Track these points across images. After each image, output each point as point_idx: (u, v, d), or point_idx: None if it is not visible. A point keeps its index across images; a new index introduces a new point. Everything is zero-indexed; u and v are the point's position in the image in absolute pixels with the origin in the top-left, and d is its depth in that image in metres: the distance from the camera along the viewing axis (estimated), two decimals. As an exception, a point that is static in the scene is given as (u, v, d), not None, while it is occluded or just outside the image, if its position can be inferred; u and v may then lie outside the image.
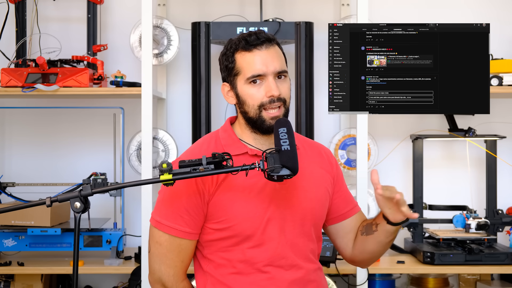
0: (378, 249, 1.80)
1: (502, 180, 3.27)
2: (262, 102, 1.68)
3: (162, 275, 1.72)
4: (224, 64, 1.75)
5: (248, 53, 1.69)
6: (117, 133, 3.09)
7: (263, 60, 1.68)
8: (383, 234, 1.74)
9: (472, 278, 3.24)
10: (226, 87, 1.76)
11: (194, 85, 3.07)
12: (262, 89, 1.68)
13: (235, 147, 1.73)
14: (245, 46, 1.70)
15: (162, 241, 1.70)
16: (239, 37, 1.72)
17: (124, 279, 3.18)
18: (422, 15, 3.34)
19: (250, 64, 1.69)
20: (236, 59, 1.71)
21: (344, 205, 1.86)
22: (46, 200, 1.53)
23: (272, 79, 1.68)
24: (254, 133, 1.75)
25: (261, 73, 1.68)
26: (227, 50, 1.74)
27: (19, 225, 2.94)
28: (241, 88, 1.71)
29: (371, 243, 1.79)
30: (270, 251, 1.70)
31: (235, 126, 1.80)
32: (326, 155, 1.88)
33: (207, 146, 1.75)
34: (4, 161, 3.38)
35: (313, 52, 3.06)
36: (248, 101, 1.70)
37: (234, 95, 1.74)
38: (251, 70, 1.68)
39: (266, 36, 1.71)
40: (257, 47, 1.69)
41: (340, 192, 1.87)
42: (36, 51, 3.16)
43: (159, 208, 1.72)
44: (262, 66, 1.68)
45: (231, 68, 1.72)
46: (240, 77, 1.71)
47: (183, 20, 3.27)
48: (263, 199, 1.69)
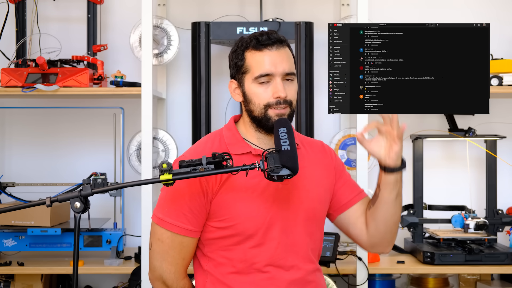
0: (389, 214, 1.75)
1: (502, 180, 3.27)
2: (269, 102, 1.68)
3: (163, 272, 1.72)
4: (234, 61, 1.74)
5: (258, 52, 1.69)
6: (117, 133, 3.09)
7: (272, 60, 1.68)
8: (387, 189, 1.71)
9: (472, 278, 3.24)
10: (234, 84, 1.76)
11: (194, 85, 3.07)
12: (269, 89, 1.68)
13: (238, 146, 1.73)
14: (256, 45, 1.69)
15: (164, 238, 1.71)
16: (250, 36, 1.72)
17: (124, 279, 3.18)
18: (422, 15, 3.34)
19: (259, 63, 1.68)
20: (246, 57, 1.71)
21: (349, 193, 1.84)
22: (46, 200, 1.53)
23: (280, 80, 1.68)
24: (258, 132, 1.74)
25: (269, 72, 1.68)
26: (238, 47, 1.73)
27: (19, 225, 2.94)
28: (248, 87, 1.71)
29: (380, 211, 1.75)
30: (270, 251, 1.70)
31: (239, 124, 1.80)
32: (325, 150, 1.87)
33: (211, 145, 1.75)
34: (4, 161, 3.38)
35: (313, 52, 3.07)
36: (254, 100, 1.70)
37: (241, 92, 1.74)
38: (260, 69, 1.68)
39: (278, 37, 1.71)
40: (267, 47, 1.69)
41: (343, 181, 1.85)
42: (36, 51, 3.16)
43: (161, 205, 1.72)
44: (271, 66, 1.68)
45: (240, 66, 1.72)
46: (248, 75, 1.70)
47: (183, 20, 3.27)
48: (266, 198, 1.69)
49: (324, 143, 1.91)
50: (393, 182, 1.71)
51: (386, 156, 1.68)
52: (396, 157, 1.68)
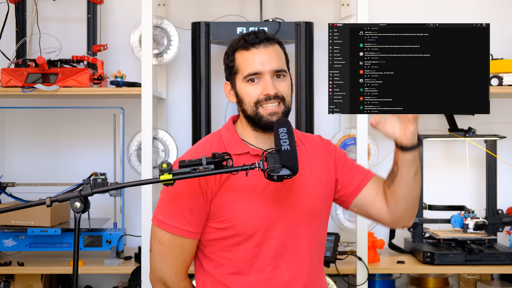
0: (409, 190, 1.74)
1: (502, 180, 3.27)
2: (258, 99, 1.69)
3: (163, 274, 1.72)
4: (226, 63, 1.77)
5: (246, 52, 1.71)
6: (117, 133, 3.09)
7: (260, 58, 1.69)
8: (404, 167, 1.71)
9: (472, 278, 3.24)
10: (228, 86, 1.78)
11: (194, 85, 3.07)
12: (258, 87, 1.69)
13: (237, 147, 1.73)
14: (243, 45, 1.71)
15: (164, 240, 1.71)
16: (239, 37, 1.74)
17: (124, 279, 3.18)
18: (422, 15, 3.34)
19: (248, 63, 1.70)
20: (236, 58, 1.73)
21: (357, 177, 1.83)
22: (46, 200, 1.53)
23: (269, 78, 1.69)
24: (255, 131, 1.75)
25: (257, 71, 1.69)
26: (229, 49, 1.76)
27: (19, 225, 2.94)
28: (240, 87, 1.72)
29: (400, 188, 1.74)
30: (271, 250, 1.70)
31: (237, 125, 1.80)
32: (324, 143, 1.87)
33: (210, 146, 1.76)
34: (4, 161, 3.38)
35: (313, 52, 3.07)
36: (245, 99, 1.71)
37: (234, 93, 1.75)
38: (248, 68, 1.70)
39: (266, 36, 1.72)
40: (255, 46, 1.70)
41: (347, 168, 1.84)
42: (36, 51, 3.16)
43: (161, 207, 1.72)
44: (259, 64, 1.69)
45: (232, 67, 1.74)
46: (239, 75, 1.72)
47: (183, 20, 3.27)
48: (265, 198, 1.69)
49: (322, 137, 1.91)
50: (411, 160, 1.71)
51: (401, 136, 1.69)
52: (412, 136, 1.68)
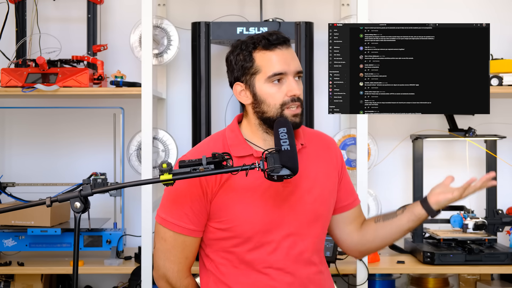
0: (393, 237, 1.83)
1: (502, 180, 3.27)
2: (284, 101, 1.68)
3: (166, 271, 1.73)
4: (240, 63, 1.71)
5: (270, 52, 1.68)
6: (117, 133, 3.09)
7: (285, 59, 1.68)
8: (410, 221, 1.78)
9: (472, 278, 3.24)
10: (240, 87, 1.73)
11: (194, 85, 3.07)
12: (283, 88, 1.68)
13: (240, 148, 1.72)
14: (266, 44, 1.68)
15: (166, 238, 1.72)
16: (258, 36, 1.70)
17: (124, 279, 3.18)
18: (422, 15, 3.34)
19: (272, 63, 1.67)
20: (255, 58, 1.69)
21: (346, 197, 1.86)
22: (46, 200, 1.53)
23: (293, 79, 1.68)
24: (265, 134, 1.73)
25: (283, 71, 1.67)
26: (242, 50, 1.71)
27: (19, 225, 2.94)
28: (260, 88, 1.69)
29: (387, 230, 1.82)
30: (269, 254, 1.69)
31: (242, 125, 1.78)
32: (335, 150, 1.88)
33: (213, 146, 1.74)
34: (4, 161, 3.38)
35: (313, 52, 3.06)
36: (269, 100, 1.68)
37: (250, 94, 1.71)
38: (273, 69, 1.67)
39: (285, 37, 1.71)
40: (278, 46, 1.68)
41: (343, 184, 1.86)
42: (36, 51, 3.16)
43: (164, 205, 1.73)
44: (284, 65, 1.67)
45: (249, 67, 1.70)
46: (259, 76, 1.69)
47: (183, 20, 3.27)
48: (266, 201, 1.69)
49: (335, 143, 1.92)
50: (422, 220, 1.79)
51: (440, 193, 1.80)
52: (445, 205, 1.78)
